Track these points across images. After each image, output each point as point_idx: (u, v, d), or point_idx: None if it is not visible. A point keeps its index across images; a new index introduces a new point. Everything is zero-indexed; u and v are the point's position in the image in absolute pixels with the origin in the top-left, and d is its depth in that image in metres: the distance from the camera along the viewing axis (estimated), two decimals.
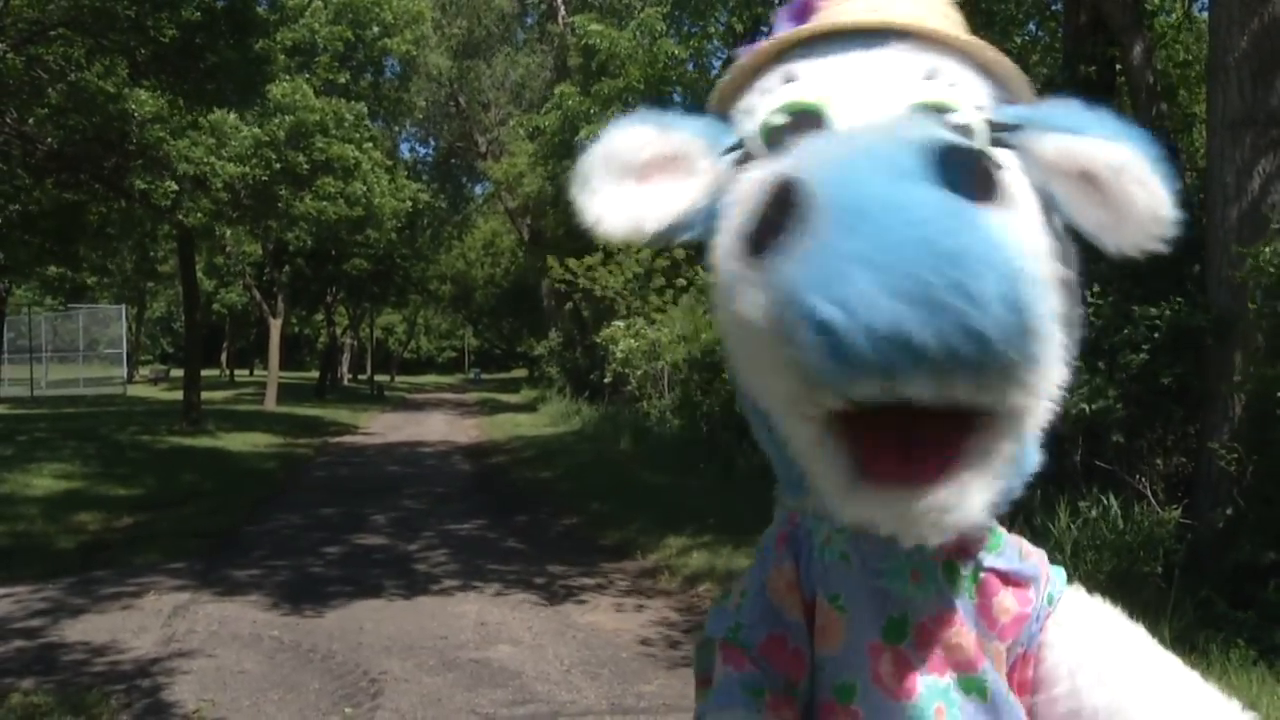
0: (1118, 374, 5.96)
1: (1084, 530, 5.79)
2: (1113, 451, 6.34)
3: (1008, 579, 0.90)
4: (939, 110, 0.84)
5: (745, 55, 0.94)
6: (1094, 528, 5.79)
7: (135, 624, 5.75)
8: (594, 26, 14.10)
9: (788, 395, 0.71)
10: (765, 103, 0.89)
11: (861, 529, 0.78)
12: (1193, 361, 5.88)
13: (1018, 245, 0.65)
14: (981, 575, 0.89)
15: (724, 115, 0.95)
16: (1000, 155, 0.80)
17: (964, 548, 0.88)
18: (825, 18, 0.91)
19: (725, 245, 0.75)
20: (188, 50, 12.10)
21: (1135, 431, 6.24)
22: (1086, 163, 0.80)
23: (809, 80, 0.88)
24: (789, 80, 0.89)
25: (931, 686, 0.86)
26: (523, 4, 30.34)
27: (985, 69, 0.90)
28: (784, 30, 0.93)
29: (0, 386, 25.32)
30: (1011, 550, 0.92)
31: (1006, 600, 0.90)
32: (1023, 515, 5.88)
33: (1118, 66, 7.75)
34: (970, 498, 0.71)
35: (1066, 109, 0.83)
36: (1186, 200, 6.68)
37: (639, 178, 0.89)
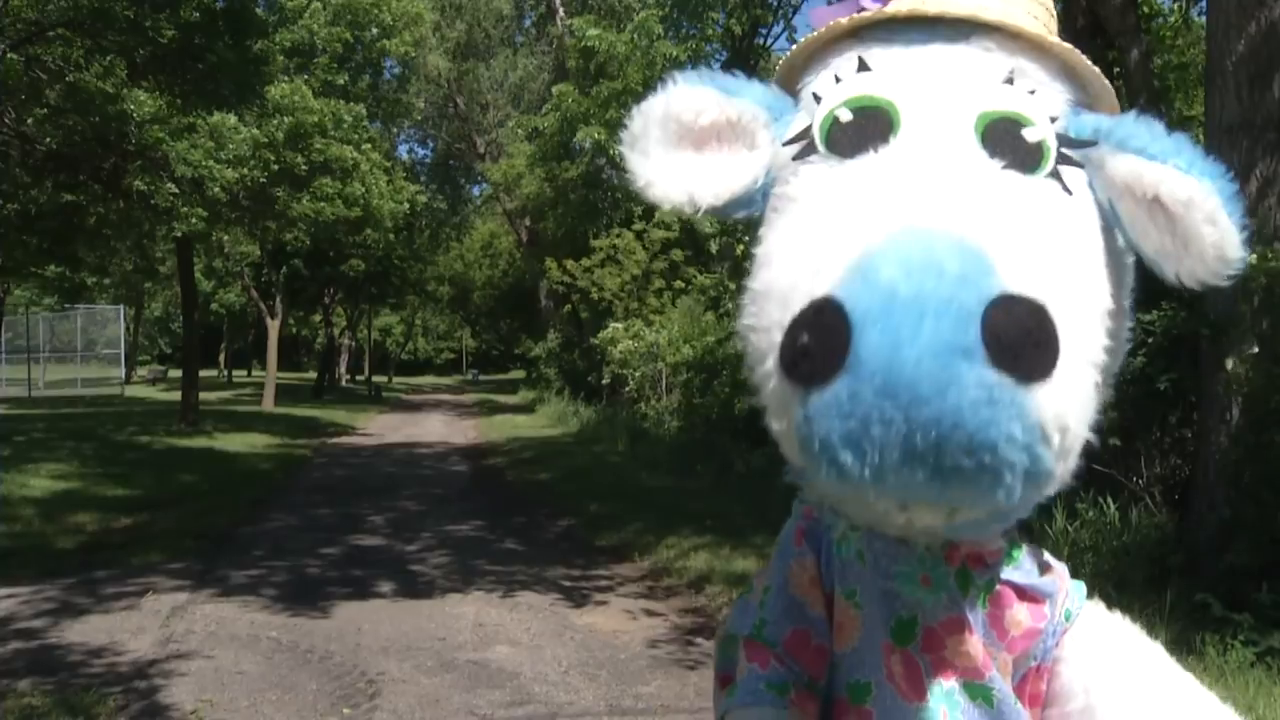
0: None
1: (1081, 533, 5.80)
2: (1109, 454, 6.35)
3: (1023, 593, 0.89)
4: (1013, 123, 0.80)
5: (824, 21, 0.88)
6: (1091, 530, 5.80)
7: (133, 624, 5.74)
8: (592, 31, 14.12)
9: None
10: (835, 92, 0.84)
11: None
12: (1188, 365, 5.89)
13: (1056, 423, 0.66)
14: (997, 587, 0.88)
15: (789, 88, 0.91)
16: (1069, 174, 0.80)
17: (979, 558, 0.87)
18: None
19: (766, 346, 0.73)
20: (186, 51, 12.11)
21: (1132, 435, 6.25)
22: (1156, 190, 0.77)
23: (882, 72, 0.83)
24: (863, 68, 0.84)
25: (937, 690, 0.85)
26: (520, 7, 30.34)
27: (1069, 72, 0.86)
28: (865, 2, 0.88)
29: None
30: (1031, 564, 0.91)
31: (1019, 614, 0.89)
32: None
33: (1116, 70, 7.77)
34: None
35: (1146, 128, 0.80)
36: None
37: (696, 144, 0.86)
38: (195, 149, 12.36)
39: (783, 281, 0.73)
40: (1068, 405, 0.67)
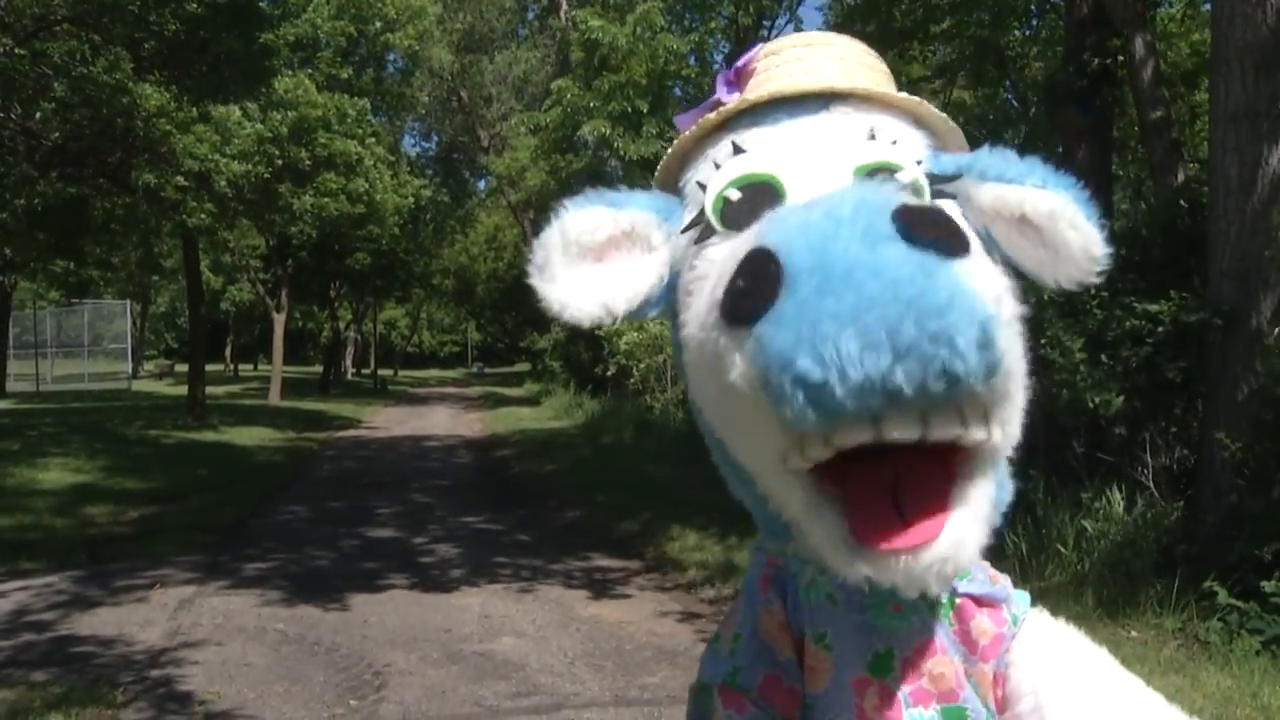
0: (1119, 367, 5.96)
1: (1086, 522, 5.80)
2: (1115, 444, 6.35)
3: (982, 602, 0.93)
4: (886, 170, 0.87)
5: (688, 125, 0.95)
6: (1097, 519, 5.81)
7: (142, 616, 5.78)
8: (594, 22, 14.09)
9: (775, 453, 0.74)
10: (717, 176, 0.91)
11: (862, 585, 0.79)
12: (1196, 355, 5.88)
13: (987, 292, 0.68)
14: (957, 601, 0.92)
15: (672, 188, 0.97)
16: (943, 205, 0.84)
17: None
18: (764, 82, 0.93)
19: (701, 318, 0.77)
20: (191, 44, 12.11)
21: (1137, 424, 6.24)
22: (1021, 208, 0.84)
23: (758, 151, 0.90)
24: (738, 151, 0.91)
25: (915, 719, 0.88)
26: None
27: (919, 122, 0.94)
28: (723, 96, 0.95)
29: (6, 381, 25.34)
30: (982, 575, 0.94)
31: (983, 623, 0.92)
32: (1025, 508, 5.89)
33: (1120, 59, 7.74)
34: (966, 546, 0.74)
35: (1000, 158, 0.87)
36: (1189, 193, 6.68)
37: (597, 258, 0.91)
38: (201, 143, 12.37)
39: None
40: (993, 281, 0.70)
